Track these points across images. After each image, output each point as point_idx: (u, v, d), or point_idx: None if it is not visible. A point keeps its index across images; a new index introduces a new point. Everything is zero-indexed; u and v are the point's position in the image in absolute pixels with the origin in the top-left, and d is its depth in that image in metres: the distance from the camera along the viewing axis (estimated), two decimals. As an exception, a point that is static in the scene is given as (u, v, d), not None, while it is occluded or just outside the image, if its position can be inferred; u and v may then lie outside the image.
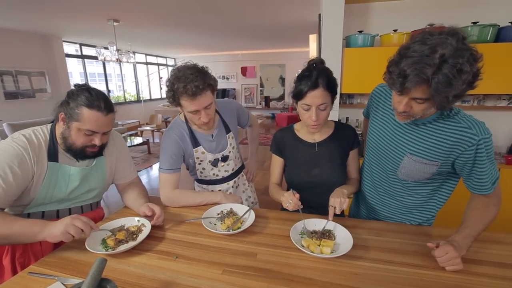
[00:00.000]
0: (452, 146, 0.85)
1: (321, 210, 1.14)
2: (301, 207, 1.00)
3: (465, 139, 0.83)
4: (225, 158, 1.32)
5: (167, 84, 1.10)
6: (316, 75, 0.96)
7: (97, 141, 0.97)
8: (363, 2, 2.29)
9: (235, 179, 1.41)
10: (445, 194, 1.01)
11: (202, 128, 1.21)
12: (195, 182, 1.44)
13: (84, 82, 1.00)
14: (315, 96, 0.96)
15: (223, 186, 1.37)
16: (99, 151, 1.04)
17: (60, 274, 0.78)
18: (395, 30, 2.08)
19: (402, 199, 1.03)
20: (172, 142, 1.22)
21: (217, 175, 1.35)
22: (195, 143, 1.24)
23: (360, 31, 2.17)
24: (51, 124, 1.01)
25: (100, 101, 0.93)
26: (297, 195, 1.01)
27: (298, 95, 1.00)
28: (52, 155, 0.96)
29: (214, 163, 1.30)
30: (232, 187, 1.39)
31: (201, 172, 1.33)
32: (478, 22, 1.95)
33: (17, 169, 0.86)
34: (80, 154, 0.98)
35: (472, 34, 1.93)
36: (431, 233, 0.98)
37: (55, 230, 0.80)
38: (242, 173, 1.48)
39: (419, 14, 2.24)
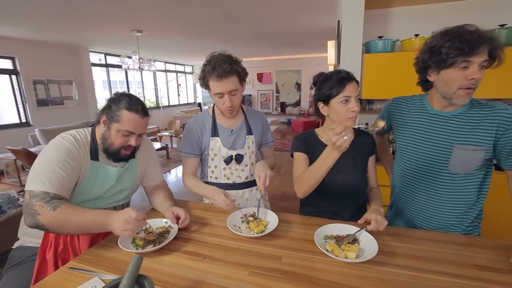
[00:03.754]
0: (493, 128, 0.92)
1: (342, 215, 1.14)
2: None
3: (504, 119, 0.91)
4: (239, 158, 1.32)
5: (202, 67, 1.21)
6: (346, 72, 1.03)
7: (133, 141, 1.05)
8: (382, 7, 2.29)
9: (247, 190, 1.39)
10: (486, 186, 1.03)
11: (225, 114, 1.29)
12: None
13: (111, 90, 1.10)
14: (352, 87, 1.01)
15: (232, 192, 1.35)
16: (132, 154, 1.11)
17: (97, 270, 0.83)
18: (416, 35, 2.06)
19: (451, 200, 1.03)
20: (191, 128, 1.34)
21: (228, 178, 1.35)
22: (214, 132, 1.32)
23: (380, 37, 2.16)
24: (91, 127, 1.10)
25: (138, 105, 1.03)
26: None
27: (335, 88, 1.00)
28: (94, 154, 1.05)
29: (227, 161, 1.31)
30: (242, 197, 1.37)
31: (213, 171, 1.35)
32: (506, 24, 1.89)
33: (71, 162, 0.96)
34: (115, 155, 1.06)
35: (500, 36, 1.88)
36: (460, 241, 0.95)
37: (116, 227, 0.88)
38: (255, 189, 1.40)
39: (441, 18, 2.20)
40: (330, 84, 1.02)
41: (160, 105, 9.11)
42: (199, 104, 10.95)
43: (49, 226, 0.86)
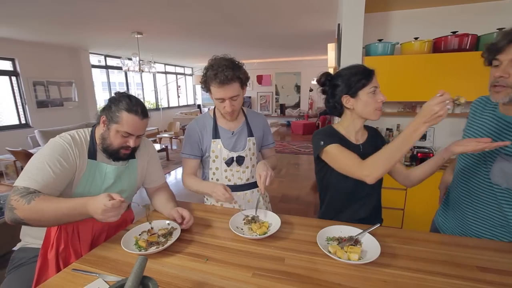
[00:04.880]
0: None
1: (361, 213, 1.16)
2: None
3: None
4: (240, 160, 1.33)
5: (203, 70, 1.22)
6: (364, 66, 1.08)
7: (131, 142, 1.05)
8: (382, 11, 2.31)
9: (248, 191, 1.39)
10: None
11: (226, 117, 1.31)
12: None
13: (111, 91, 1.10)
14: (376, 78, 1.06)
15: (233, 194, 1.32)
16: (131, 154, 1.12)
17: (100, 271, 0.83)
18: (416, 38, 2.08)
19: (492, 212, 0.96)
20: (192, 130, 1.35)
21: (230, 180, 1.36)
22: (216, 134, 1.33)
23: (380, 40, 2.18)
24: (91, 128, 1.11)
25: (137, 107, 1.04)
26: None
27: (364, 79, 1.04)
28: (92, 154, 1.05)
29: (228, 162, 1.32)
30: (243, 199, 1.37)
31: (214, 173, 1.36)
32: (504, 28, 1.91)
33: (64, 162, 0.97)
34: (114, 154, 1.07)
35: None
36: (461, 243, 0.96)
37: (96, 216, 0.85)
38: (257, 190, 1.39)
39: (441, 21, 2.23)
40: (358, 76, 1.05)
41: (159, 106, 9.11)
42: (199, 106, 10.96)
43: (27, 219, 0.86)
